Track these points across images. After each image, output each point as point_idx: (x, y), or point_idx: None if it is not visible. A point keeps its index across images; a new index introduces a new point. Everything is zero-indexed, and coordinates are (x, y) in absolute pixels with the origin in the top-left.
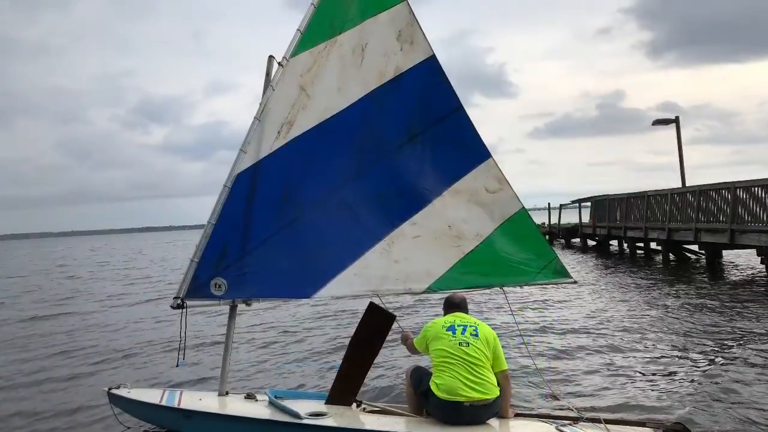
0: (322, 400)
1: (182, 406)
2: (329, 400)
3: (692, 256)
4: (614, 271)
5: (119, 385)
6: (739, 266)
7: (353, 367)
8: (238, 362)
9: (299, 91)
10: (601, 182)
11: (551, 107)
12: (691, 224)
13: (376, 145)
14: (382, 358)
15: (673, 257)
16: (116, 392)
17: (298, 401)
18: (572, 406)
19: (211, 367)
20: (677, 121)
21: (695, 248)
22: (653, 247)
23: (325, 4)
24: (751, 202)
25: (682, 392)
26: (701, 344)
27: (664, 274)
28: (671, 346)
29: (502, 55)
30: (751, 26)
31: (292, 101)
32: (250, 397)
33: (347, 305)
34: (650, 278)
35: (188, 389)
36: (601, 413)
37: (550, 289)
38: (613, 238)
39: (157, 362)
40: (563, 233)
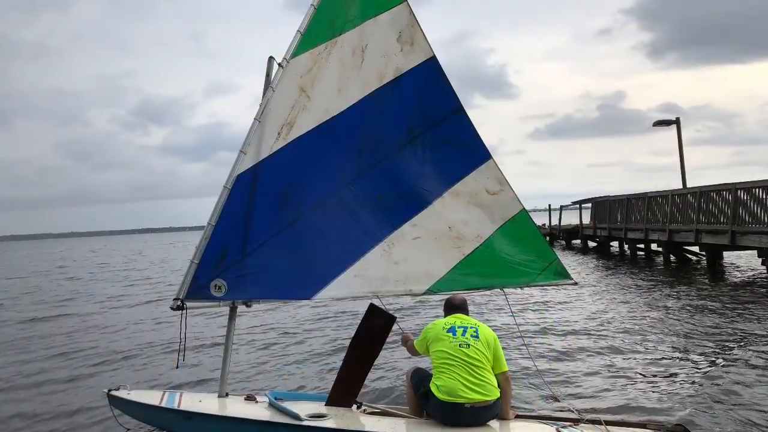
0: (322, 401)
1: (182, 407)
2: (329, 401)
3: (693, 257)
4: (615, 272)
5: (119, 386)
6: (739, 267)
7: (353, 368)
8: (238, 364)
9: (299, 92)
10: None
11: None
12: (691, 225)
13: (376, 146)
14: (382, 359)
15: (673, 258)
16: (116, 394)
17: (298, 403)
18: (573, 407)
19: (211, 368)
20: (678, 122)
21: (696, 249)
22: (654, 248)
23: (325, 5)
24: (751, 203)
25: (682, 394)
26: (702, 346)
27: (664, 275)
28: (672, 347)
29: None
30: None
31: (292, 102)
32: (250, 398)
33: (347, 307)
34: (651, 280)
35: (188, 391)
36: (601, 415)
37: (550, 290)
38: (613, 239)
39: (157, 364)
40: (564, 234)
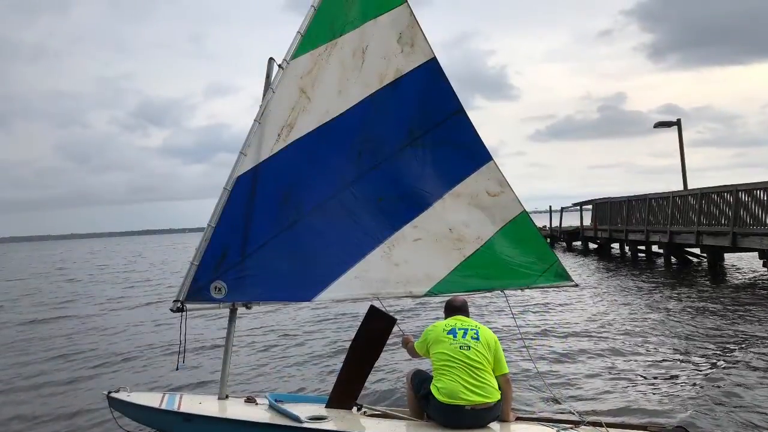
0: (322, 403)
1: (182, 409)
2: (329, 403)
3: (694, 259)
4: (616, 274)
5: (119, 388)
6: (741, 269)
7: (354, 370)
8: (238, 365)
9: (299, 93)
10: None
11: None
12: (692, 227)
13: (376, 147)
14: (382, 361)
15: (674, 260)
16: (116, 396)
17: (298, 405)
18: (573, 409)
19: (211, 370)
20: (679, 123)
21: (697, 251)
22: (655, 250)
23: (325, 6)
24: (753, 204)
25: (683, 396)
26: (703, 347)
27: (665, 277)
28: (673, 349)
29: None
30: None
31: (292, 104)
32: (250, 400)
33: (347, 308)
34: (652, 281)
35: (188, 393)
36: (602, 417)
37: (551, 292)
38: (614, 241)
39: (156, 365)
40: (564, 236)
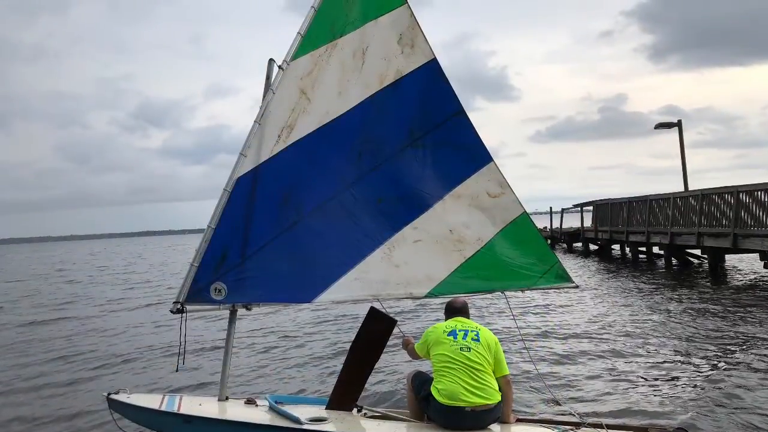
0: (322, 405)
1: (182, 411)
2: (330, 405)
3: (695, 260)
4: (616, 275)
5: (119, 390)
6: (741, 271)
7: (354, 372)
8: (238, 367)
9: (300, 94)
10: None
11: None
12: (693, 228)
13: (376, 148)
14: (382, 363)
15: (675, 262)
16: (115, 397)
17: (298, 406)
18: (574, 411)
19: (211, 372)
20: (680, 124)
21: (698, 253)
22: (655, 251)
23: (325, 7)
24: (754, 206)
25: (684, 397)
26: (704, 349)
27: (666, 278)
28: (674, 351)
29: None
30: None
31: (292, 105)
32: (250, 402)
33: (348, 310)
34: (652, 283)
35: (188, 394)
36: (603, 418)
37: (551, 293)
38: (615, 242)
39: (156, 367)
40: (565, 237)
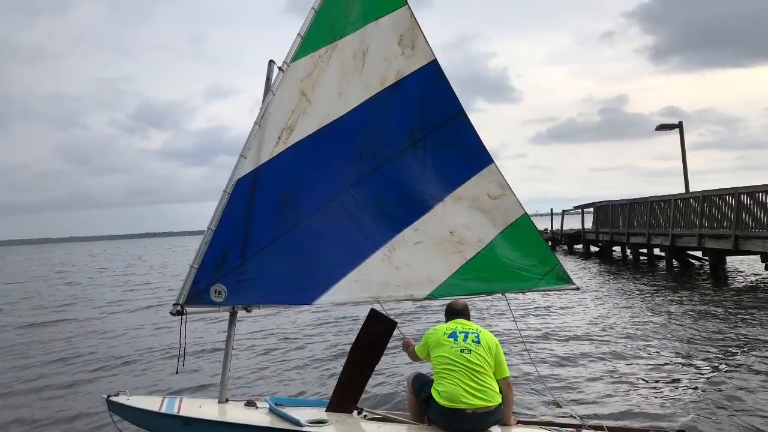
0: (322, 407)
1: (182, 413)
2: (330, 407)
3: (696, 262)
4: (617, 277)
5: (118, 392)
6: (743, 272)
7: (354, 374)
8: (238, 369)
9: (300, 95)
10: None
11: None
12: (694, 230)
13: (377, 150)
14: (383, 365)
15: (676, 263)
16: (115, 399)
17: (298, 408)
18: (575, 413)
19: (210, 374)
20: (681, 126)
21: (699, 254)
22: (656, 253)
23: (325, 8)
24: (755, 207)
25: (685, 399)
26: (705, 351)
27: (667, 280)
28: (675, 353)
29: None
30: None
31: (292, 106)
32: (250, 404)
33: (348, 312)
34: (653, 285)
35: (188, 396)
36: (603, 420)
37: (552, 295)
38: (616, 244)
39: (156, 369)
40: (566, 239)
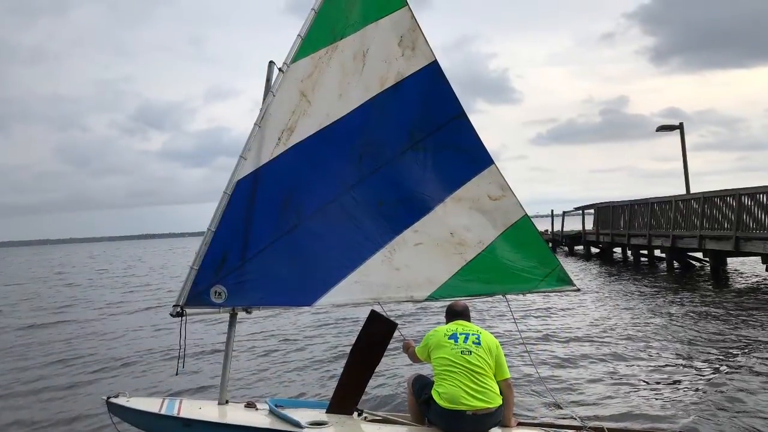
0: (322, 408)
1: (182, 414)
2: (330, 409)
3: (696, 263)
4: (618, 278)
5: (118, 393)
6: (743, 274)
7: (354, 375)
8: (238, 370)
9: (300, 97)
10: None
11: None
12: (695, 231)
13: (377, 151)
14: (383, 366)
15: (677, 265)
16: (115, 401)
17: (298, 410)
18: (575, 414)
19: (210, 375)
20: (682, 127)
21: (700, 256)
22: (657, 254)
23: (326, 9)
24: (756, 209)
25: (686, 401)
26: (706, 353)
27: (668, 281)
28: (675, 354)
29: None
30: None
31: (292, 107)
32: (250, 405)
33: (348, 313)
34: (654, 286)
35: (188, 398)
36: (604, 422)
37: (553, 297)
38: (616, 245)
39: (156, 371)
40: (566, 240)
